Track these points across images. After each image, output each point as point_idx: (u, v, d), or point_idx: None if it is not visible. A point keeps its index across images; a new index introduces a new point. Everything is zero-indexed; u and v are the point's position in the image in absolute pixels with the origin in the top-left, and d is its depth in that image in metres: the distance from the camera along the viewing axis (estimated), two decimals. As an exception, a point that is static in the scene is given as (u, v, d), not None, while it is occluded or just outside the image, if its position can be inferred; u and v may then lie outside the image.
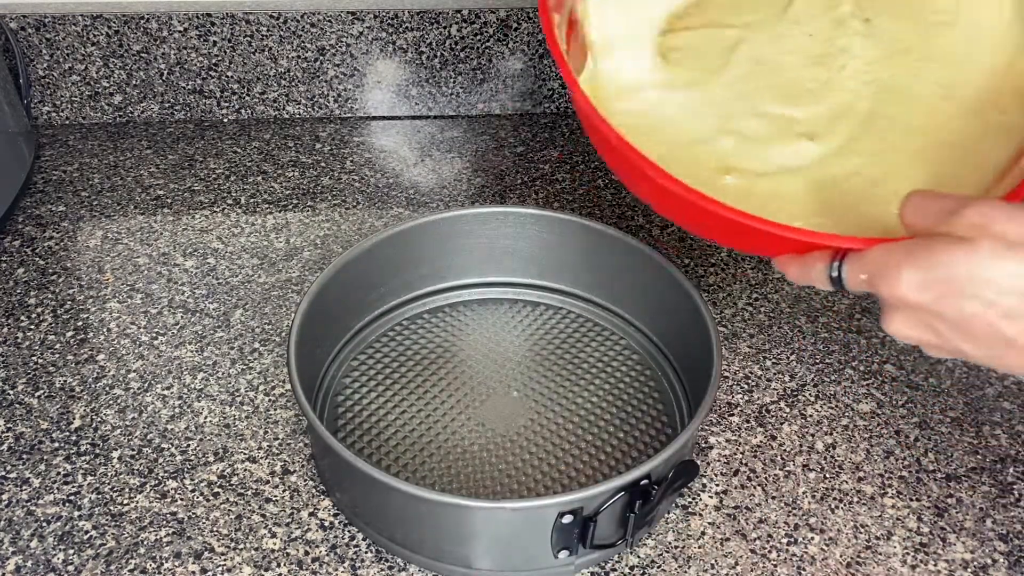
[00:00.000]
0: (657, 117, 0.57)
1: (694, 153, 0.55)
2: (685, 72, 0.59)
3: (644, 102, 0.58)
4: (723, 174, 0.53)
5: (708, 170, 0.54)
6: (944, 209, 0.38)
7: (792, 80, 0.57)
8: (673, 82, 0.58)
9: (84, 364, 0.63)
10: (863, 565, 0.53)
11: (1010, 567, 0.53)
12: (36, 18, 0.83)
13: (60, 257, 0.73)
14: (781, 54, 0.58)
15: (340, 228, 0.77)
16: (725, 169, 0.53)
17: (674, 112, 0.57)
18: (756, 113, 0.56)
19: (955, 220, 0.37)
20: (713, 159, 0.54)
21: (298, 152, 0.87)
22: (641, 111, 0.57)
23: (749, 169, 0.54)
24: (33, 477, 0.56)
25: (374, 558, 0.52)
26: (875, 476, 0.58)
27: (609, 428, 0.60)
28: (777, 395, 0.64)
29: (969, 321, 0.37)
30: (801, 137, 0.55)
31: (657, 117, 0.57)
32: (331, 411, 0.60)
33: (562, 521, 0.47)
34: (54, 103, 0.88)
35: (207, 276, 0.72)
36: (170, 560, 0.51)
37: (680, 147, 0.55)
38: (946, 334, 0.38)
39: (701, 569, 0.52)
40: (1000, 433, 0.61)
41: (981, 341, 0.38)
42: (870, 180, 0.52)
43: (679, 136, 0.56)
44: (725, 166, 0.54)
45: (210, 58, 0.87)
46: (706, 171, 0.54)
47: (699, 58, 0.59)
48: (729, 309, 0.71)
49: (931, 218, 0.39)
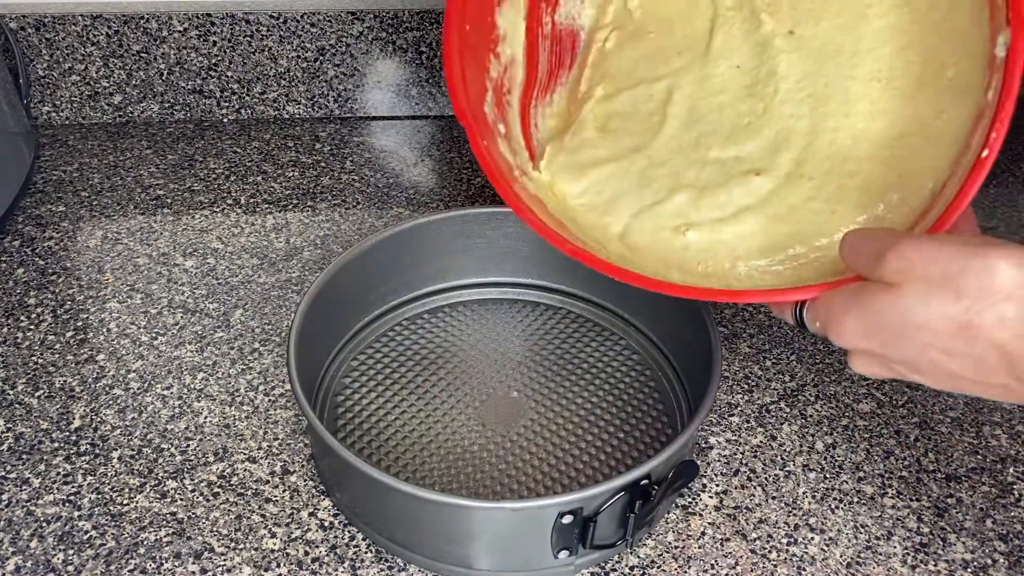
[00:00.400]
0: (613, 191, 0.58)
1: (654, 217, 0.56)
2: (627, 139, 0.59)
3: (598, 180, 0.59)
4: (685, 231, 0.54)
5: (670, 231, 0.55)
6: (872, 252, 0.40)
7: (729, 119, 0.57)
8: (618, 154, 0.59)
9: (84, 364, 0.63)
10: (863, 565, 0.53)
11: (1010, 567, 0.53)
12: (36, 18, 0.83)
13: (60, 257, 0.73)
14: (713, 95, 0.58)
15: (340, 228, 0.77)
16: (686, 226, 0.54)
17: (627, 183, 0.58)
18: (702, 162, 0.56)
19: (882, 266, 0.39)
20: (673, 219, 0.55)
21: (298, 152, 0.87)
22: (597, 189, 0.59)
23: (709, 219, 0.54)
24: (33, 477, 0.56)
25: (374, 558, 0.52)
26: (875, 476, 0.58)
27: (609, 428, 0.60)
28: (777, 395, 0.64)
29: (915, 361, 0.39)
30: (750, 174, 0.55)
31: (613, 191, 0.58)
32: (331, 411, 0.60)
33: (562, 521, 0.47)
34: (54, 103, 0.88)
35: (207, 276, 0.72)
36: (170, 560, 0.51)
37: (640, 216, 0.56)
38: (901, 371, 0.40)
39: (701, 569, 0.52)
40: (1000, 433, 0.61)
41: (931, 376, 0.39)
42: (825, 201, 0.52)
43: (636, 205, 0.57)
44: (686, 223, 0.55)
45: (210, 58, 0.87)
46: (668, 232, 0.55)
47: (636, 121, 0.60)
48: (729, 309, 0.71)
49: (863, 260, 0.40)
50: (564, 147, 0.61)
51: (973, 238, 0.38)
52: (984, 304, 0.36)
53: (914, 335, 0.38)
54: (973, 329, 0.37)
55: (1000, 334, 0.36)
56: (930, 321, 0.37)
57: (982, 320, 0.36)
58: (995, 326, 0.36)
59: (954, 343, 0.37)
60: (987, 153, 0.42)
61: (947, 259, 0.37)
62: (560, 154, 0.60)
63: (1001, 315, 0.36)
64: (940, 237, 0.38)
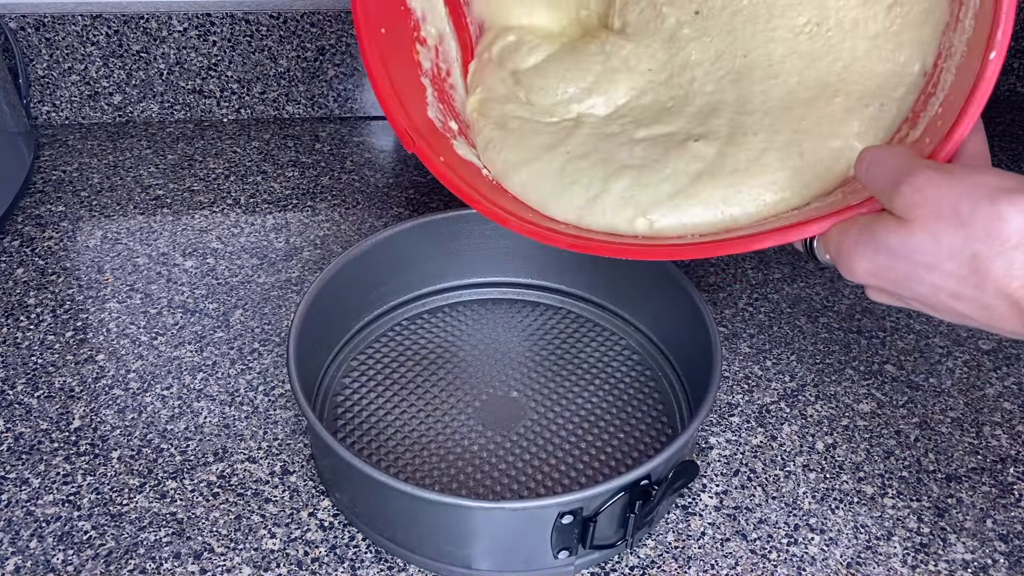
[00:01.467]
0: (539, 196, 0.56)
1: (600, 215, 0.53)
2: (535, 138, 0.57)
3: (520, 184, 0.56)
4: (644, 222, 0.52)
5: (625, 225, 0.52)
6: (890, 177, 0.39)
7: (651, 106, 0.55)
8: (529, 155, 0.56)
9: (83, 364, 0.63)
10: (863, 565, 0.53)
11: (1010, 567, 0.53)
12: (36, 18, 0.83)
13: (59, 257, 0.73)
14: (632, 98, 0.57)
15: (340, 228, 0.77)
16: (642, 215, 0.52)
17: (548, 185, 0.55)
18: (631, 143, 0.54)
19: (898, 195, 0.38)
20: (621, 210, 0.53)
21: (298, 152, 0.87)
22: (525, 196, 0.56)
23: (664, 197, 0.52)
24: (32, 477, 0.56)
25: (374, 558, 0.52)
26: (875, 476, 0.58)
27: (609, 428, 0.60)
28: (777, 395, 0.64)
29: (926, 300, 0.39)
30: (687, 141, 0.53)
31: (539, 196, 0.56)
32: (331, 411, 0.60)
33: (562, 521, 0.47)
34: (54, 103, 0.88)
35: (207, 276, 0.72)
36: (170, 560, 0.51)
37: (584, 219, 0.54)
38: (914, 305, 0.40)
39: (701, 569, 0.52)
40: (1000, 433, 0.61)
41: (944, 315, 0.39)
42: (784, 146, 0.51)
43: (571, 208, 0.54)
44: (639, 211, 0.52)
45: (210, 58, 0.87)
46: (624, 227, 0.52)
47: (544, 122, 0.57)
48: (729, 309, 0.71)
49: (878, 183, 0.40)
50: (478, 149, 0.58)
51: (988, 176, 0.37)
52: (994, 251, 0.36)
53: (924, 277, 0.38)
54: (982, 275, 0.36)
55: (1009, 283, 0.36)
56: (940, 263, 0.37)
57: (991, 267, 0.36)
58: (1003, 274, 0.36)
59: (964, 288, 0.37)
60: (995, 55, 0.40)
61: (958, 198, 0.36)
62: (484, 153, 0.58)
63: (1010, 263, 0.36)
64: (956, 172, 0.37)
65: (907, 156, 0.40)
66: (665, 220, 0.51)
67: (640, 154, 0.54)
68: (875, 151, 0.42)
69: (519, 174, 0.56)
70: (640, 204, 0.52)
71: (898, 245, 0.38)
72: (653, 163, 0.53)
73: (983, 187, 0.36)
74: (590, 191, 0.54)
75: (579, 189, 0.54)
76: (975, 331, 0.69)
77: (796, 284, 0.74)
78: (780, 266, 0.75)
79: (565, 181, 0.54)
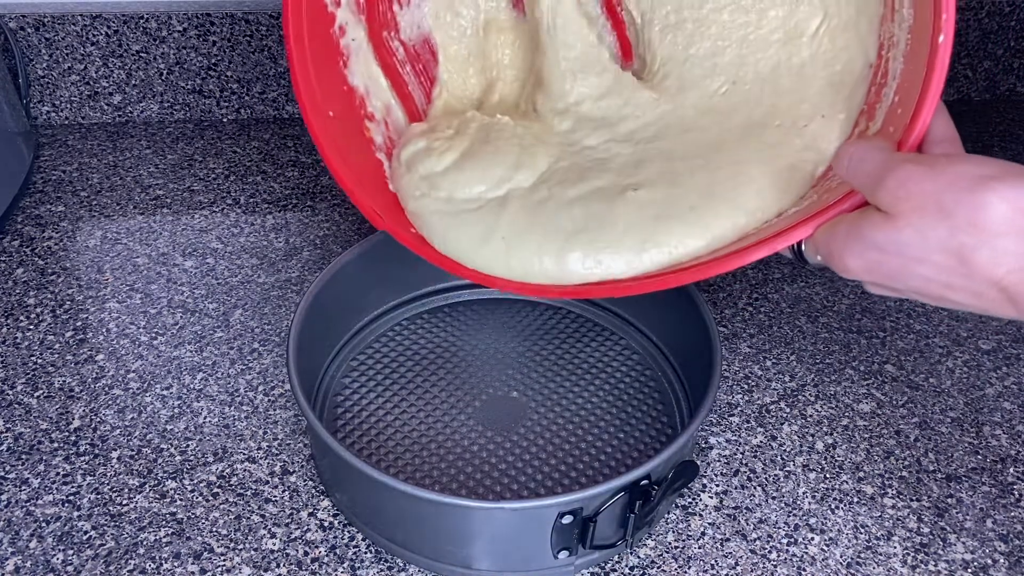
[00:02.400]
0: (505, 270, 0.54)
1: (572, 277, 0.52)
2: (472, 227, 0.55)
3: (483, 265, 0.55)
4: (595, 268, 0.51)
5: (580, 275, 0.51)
6: (872, 172, 0.39)
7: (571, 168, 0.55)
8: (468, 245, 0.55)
9: (83, 364, 0.63)
10: (863, 565, 0.53)
11: (1010, 567, 0.53)
12: (35, 18, 0.83)
13: (59, 257, 0.73)
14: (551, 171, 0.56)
15: (340, 228, 0.77)
16: (596, 262, 0.51)
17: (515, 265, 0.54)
18: (568, 203, 0.53)
19: (882, 190, 0.39)
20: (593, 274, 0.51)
21: (298, 152, 0.87)
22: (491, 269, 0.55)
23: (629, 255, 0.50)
24: (32, 477, 0.55)
25: (374, 559, 0.52)
26: (875, 476, 0.58)
27: (609, 428, 0.60)
28: (777, 395, 0.64)
29: (920, 290, 0.39)
30: (626, 191, 0.52)
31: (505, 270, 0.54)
32: (331, 411, 0.60)
33: (562, 521, 0.47)
34: (53, 103, 0.88)
35: (206, 276, 0.72)
36: (169, 560, 0.51)
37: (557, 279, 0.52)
38: (911, 295, 0.41)
39: (701, 569, 0.52)
40: (1000, 433, 0.61)
41: (939, 301, 0.40)
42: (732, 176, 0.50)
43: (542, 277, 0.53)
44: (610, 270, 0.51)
45: (209, 58, 0.87)
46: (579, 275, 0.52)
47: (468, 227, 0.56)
48: (729, 309, 0.71)
49: (860, 178, 0.40)
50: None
51: (968, 165, 0.37)
52: (978, 240, 0.36)
53: (915, 270, 0.38)
54: (969, 265, 0.37)
55: (995, 271, 0.36)
56: (928, 255, 0.38)
57: (976, 257, 0.36)
58: (989, 263, 0.36)
59: (954, 278, 0.38)
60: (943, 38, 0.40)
61: (941, 191, 0.37)
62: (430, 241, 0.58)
63: (994, 251, 0.36)
64: (937, 164, 0.38)
65: (887, 151, 0.40)
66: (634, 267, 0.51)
67: (580, 215, 0.52)
68: (855, 148, 0.42)
69: (469, 263, 0.55)
70: (610, 268, 0.51)
71: (886, 241, 0.39)
72: (601, 222, 0.51)
73: (964, 177, 0.36)
74: (548, 273, 0.52)
75: (536, 271, 0.52)
76: (975, 331, 0.69)
77: (796, 284, 0.74)
78: (780, 266, 0.75)
79: (515, 271, 0.53)
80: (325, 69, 0.56)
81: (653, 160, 0.53)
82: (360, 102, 0.59)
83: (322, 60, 0.55)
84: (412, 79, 0.62)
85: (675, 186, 0.51)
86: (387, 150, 0.59)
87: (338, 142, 0.56)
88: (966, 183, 0.36)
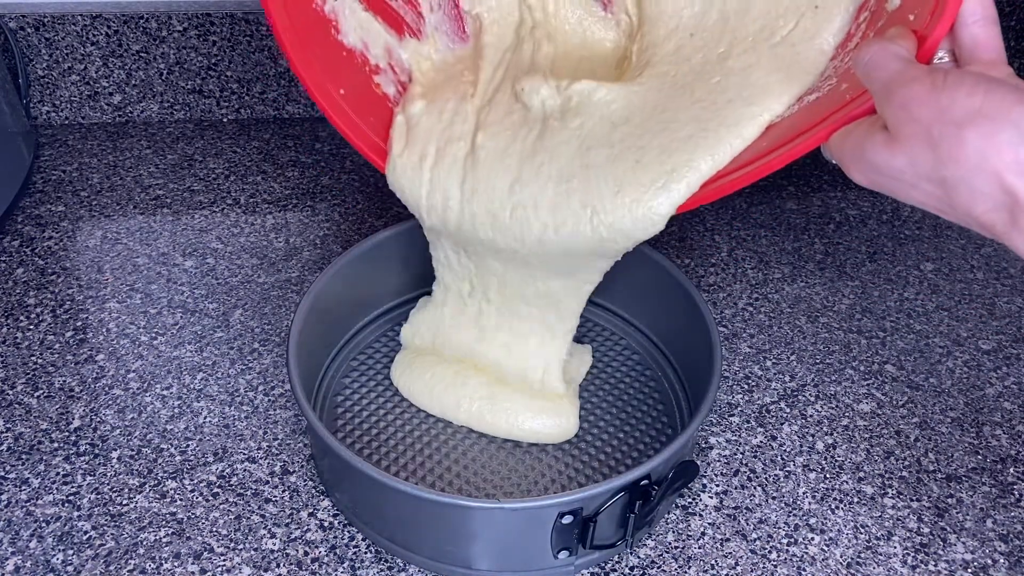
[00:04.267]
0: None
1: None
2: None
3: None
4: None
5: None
6: (883, 83, 0.39)
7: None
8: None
9: (83, 364, 0.63)
10: (863, 565, 0.52)
11: (1010, 567, 0.53)
12: (35, 18, 0.83)
13: (59, 257, 0.73)
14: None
15: (340, 228, 0.77)
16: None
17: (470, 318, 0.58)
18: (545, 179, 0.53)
19: (887, 107, 0.39)
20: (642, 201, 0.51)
21: (298, 152, 0.87)
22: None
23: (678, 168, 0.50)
24: (32, 477, 0.55)
25: (374, 559, 0.52)
26: (875, 476, 0.58)
27: (609, 428, 0.60)
28: (777, 395, 0.64)
29: (923, 203, 0.39)
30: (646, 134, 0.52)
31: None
32: (331, 411, 0.60)
33: (562, 521, 0.47)
34: (53, 103, 0.88)
35: (206, 276, 0.72)
36: (169, 560, 0.51)
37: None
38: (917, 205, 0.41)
39: (701, 569, 0.52)
40: (1000, 433, 0.61)
41: (941, 214, 0.39)
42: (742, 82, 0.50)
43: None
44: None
45: (209, 58, 0.87)
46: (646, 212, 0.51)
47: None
48: (729, 309, 0.71)
49: (874, 86, 0.40)
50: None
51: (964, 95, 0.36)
52: (957, 177, 0.36)
53: (909, 193, 0.39)
54: (951, 199, 0.37)
55: (973, 208, 0.36)
56: (919, 184, 0.38)
57: (956, 193, 0.37)
58: (967, 200, 0.36)
59: (942, 206, 0.38)
60: None
61: (934, 121, 0.36)
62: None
63: (971, 190, 0.36)
64: (946, 89, 0.36)
65: (902, 61, 0.39)
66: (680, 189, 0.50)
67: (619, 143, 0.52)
68: (872, 52, 0.41)
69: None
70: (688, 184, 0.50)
71: (884, 166, 0.39)
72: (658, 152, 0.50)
73: (956, 108, 0.36)
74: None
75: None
76: (975, 331, 0.69)
77: (796, 284, 0.74)
78: (780, 266, 0.75)
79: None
80: (321, 46, 0.55)
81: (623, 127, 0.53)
82: (362, 60, 0.58)
83: (315, 39, 0.55)
84: (403, 7, 0.60)
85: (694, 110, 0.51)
86: (397, 95, 0.59)
87: (361, 119, 0.56)
88: (957, 114, 0.36)
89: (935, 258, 0.77)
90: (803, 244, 0.78)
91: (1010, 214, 0.35)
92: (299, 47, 0.54)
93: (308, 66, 0.54)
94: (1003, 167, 0.35)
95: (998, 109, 0.35)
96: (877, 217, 0.82)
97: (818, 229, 0.80)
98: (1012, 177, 0.35)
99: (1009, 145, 0.34)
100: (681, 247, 0.77)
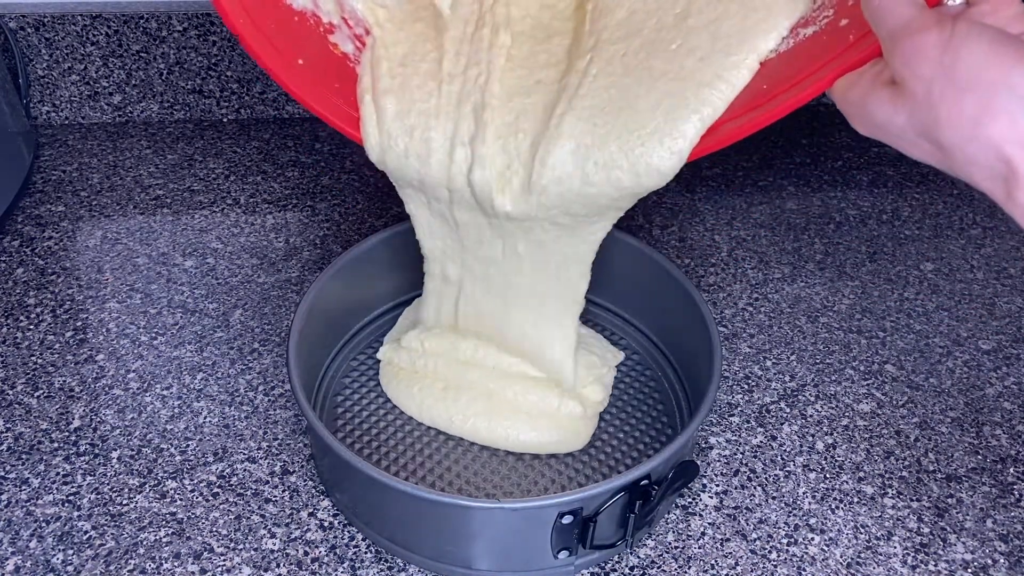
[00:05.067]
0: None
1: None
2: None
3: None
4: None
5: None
6: (891, 28, 0.38)
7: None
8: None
9: (83, 364, 0.63)
10: (863, 565, 0.52)
11: (1010, 567, 0.53)
12: (35, 18, 0.83)
13: (59, 257, 0.73)
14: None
15: (340, 228, 0.77)
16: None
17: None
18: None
19: (893, 57, 0.37)
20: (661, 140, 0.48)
21: (298, 152, 0.87)
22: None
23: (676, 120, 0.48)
24: (32, 477, 0.55)
25: (374, 558, 0.52)
26: (875, 476, 0.58)
27: (609, 428, 0.60)
28: (777, 395, 0.64)
29: (926, 160, 0.39)
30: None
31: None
32: (331, 411, 0.60)
33: (562, 521, 0.47)
34: (53, 103, 0.88)
35: (206, 276, 0.72)
36: (169, 560, 0.51)
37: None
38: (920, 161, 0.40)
39: (701, 569, 0.52)
40: (1000, 433, 0.61)
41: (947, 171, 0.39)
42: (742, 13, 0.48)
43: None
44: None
45: (209, 58, 0.87)
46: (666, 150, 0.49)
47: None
48: (729, 309, 0.71)
49: (881, 31, 0.39)
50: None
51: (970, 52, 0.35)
52: (952, 141, 0.36)
53: (910, 150, 0.39)
54: (949, 160, 0.37)
55: (972, 173, 0.36)
56: (918, 143, 0.38)
57: (953, 156, 0.36)
58: (963, 163, 0.36)
59: (944, 167, 0.38)
60: None
61: (935, 79, 0.35)
62: None
63: (964, 155, 0.36)
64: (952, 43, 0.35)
65: (915, 7, 0.38)
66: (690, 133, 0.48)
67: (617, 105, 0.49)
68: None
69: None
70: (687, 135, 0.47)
71: (886, 122, 0.38)
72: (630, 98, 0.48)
73: (961, 70, 0.35)
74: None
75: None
76: (975, 331, 0.70)
77: (796, 284, 0.74)
78: (780, 266, 0.75)
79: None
80: (272, 18, 0.53)
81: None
82: (315, 21, 0.55)
83: (265, 11, 0.52)
84: None
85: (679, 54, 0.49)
86: (355, 54, 0.56)
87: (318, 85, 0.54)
88: (959, 74, 0.35)
89: (935, 258, 0.77)
90: (803, 244, 0.78)
91: (1005, 184, 0.35)
92: (251, 25, 0.51)
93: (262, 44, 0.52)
94: (999, 136, 0.34)
95: (999, 70, 0.34)
96: (877, 217, 0.82)
97: (818, 229, 0.80)
98: (1009, 147, 0.34)
99: (1006, 113, 0.34)
100: (681, 247, 0.77)
